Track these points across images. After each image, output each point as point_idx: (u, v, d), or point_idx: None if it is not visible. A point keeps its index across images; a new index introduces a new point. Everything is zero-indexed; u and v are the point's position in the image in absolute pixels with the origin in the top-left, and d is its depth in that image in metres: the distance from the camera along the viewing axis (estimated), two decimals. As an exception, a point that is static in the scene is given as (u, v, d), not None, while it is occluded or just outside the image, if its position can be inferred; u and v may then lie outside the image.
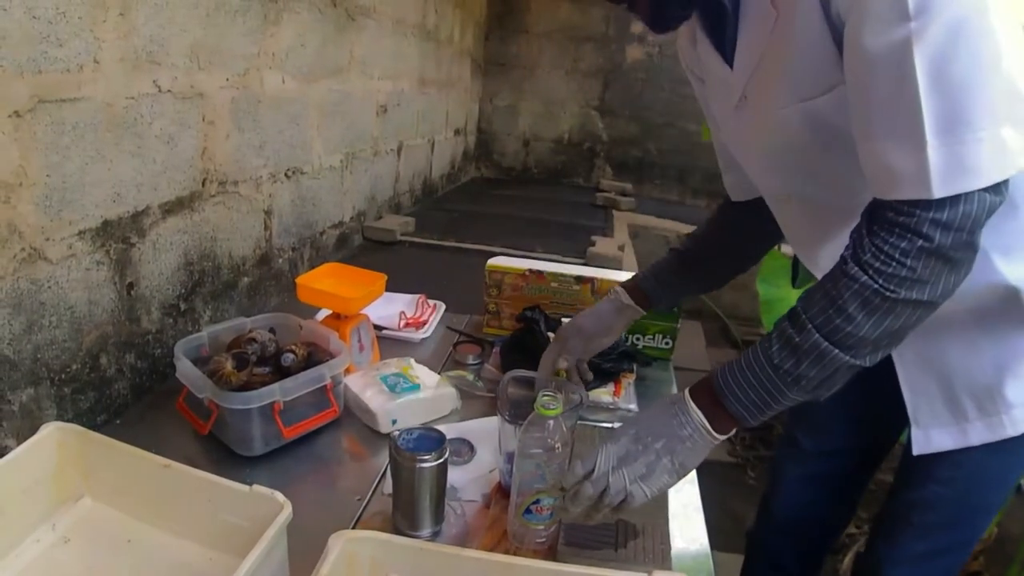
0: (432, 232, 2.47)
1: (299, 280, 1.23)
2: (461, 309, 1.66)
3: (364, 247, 2.32)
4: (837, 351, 0.71)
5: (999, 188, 0.66)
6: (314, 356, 1.10)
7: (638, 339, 1.44)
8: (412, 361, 1.22)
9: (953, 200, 0.65)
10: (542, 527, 0.87)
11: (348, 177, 2.20)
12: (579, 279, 1.42)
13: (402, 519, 0.89)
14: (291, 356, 1.06)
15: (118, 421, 1.16)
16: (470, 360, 1.37)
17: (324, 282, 1.25)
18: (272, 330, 1.15)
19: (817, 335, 0.72)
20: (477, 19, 4.27)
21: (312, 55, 1.81)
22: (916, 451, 0.95)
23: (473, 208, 3.19)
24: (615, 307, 1.17)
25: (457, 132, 3.99)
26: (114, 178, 1.13)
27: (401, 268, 2.12)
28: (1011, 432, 0.90)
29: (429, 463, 0.85)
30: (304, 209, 1.90)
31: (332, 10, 1.92)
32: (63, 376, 1.08)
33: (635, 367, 1.33)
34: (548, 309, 1.41)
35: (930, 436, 0.94)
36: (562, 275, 1.43)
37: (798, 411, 1.25)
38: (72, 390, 1.10)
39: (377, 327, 1.44)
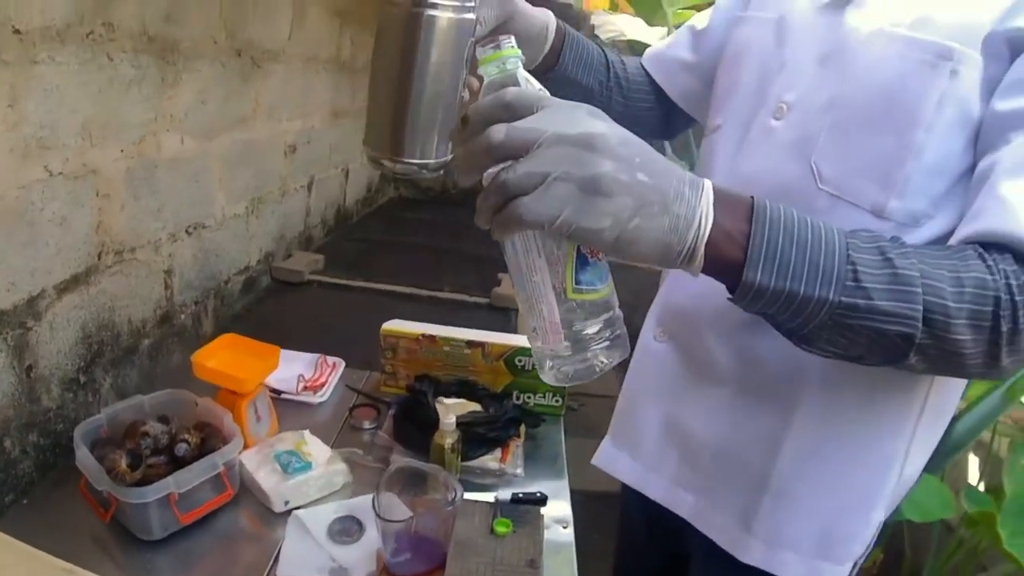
0: (340, 269, 2.51)
1: (194, 358, 1.27)
2: (362, 361, 1.71)
3: (272, 289, 2.34)
4: (915, 305, 0.57)
5: None
6: (208, 442, 1.15)
7: (529, 398, 1.55)
8: (307, 434, 1.28)
9: None
10: (600, 294, 0.56)
11: (254, 222, 2.22)
12: (470, 343, 1.51)
13: (383, 133, 0.48)
14: (184, 446, 1.11)
15: (25, 500, 1.18)
16: (365, 425, 1.44)
17: (218, 358, 1.29)
18: (166, 418, 1.20)
19: (916, 274, 0.58)
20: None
21: (214, 110, 1.83)
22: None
23: (385, 237, 3.23)
24: (543, 20, 0.91)
25: (372, 155, 4.01)
26: (7, 269, 1.15)
27: (307, 314, 2.16)
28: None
29: (448, 13, 0.49)
30: (207, 262, 1.92)
31: (236, 60, 1.93)
32: (-44, 467, 1.09)
33: (523, 429, 1.43)
34: (442, 371, 1.50)
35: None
36: (454, 339, 1.52)
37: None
38: (-31, 477, 1.11)
39: (275, 391, 1.49)
